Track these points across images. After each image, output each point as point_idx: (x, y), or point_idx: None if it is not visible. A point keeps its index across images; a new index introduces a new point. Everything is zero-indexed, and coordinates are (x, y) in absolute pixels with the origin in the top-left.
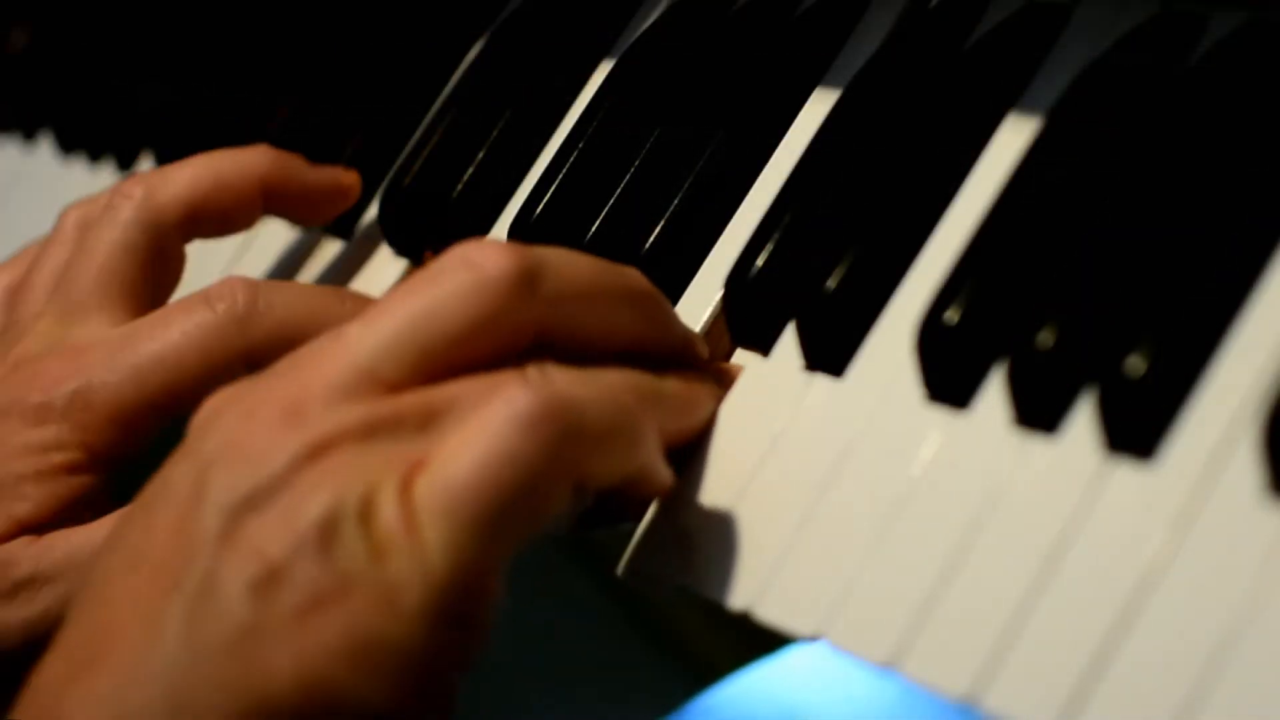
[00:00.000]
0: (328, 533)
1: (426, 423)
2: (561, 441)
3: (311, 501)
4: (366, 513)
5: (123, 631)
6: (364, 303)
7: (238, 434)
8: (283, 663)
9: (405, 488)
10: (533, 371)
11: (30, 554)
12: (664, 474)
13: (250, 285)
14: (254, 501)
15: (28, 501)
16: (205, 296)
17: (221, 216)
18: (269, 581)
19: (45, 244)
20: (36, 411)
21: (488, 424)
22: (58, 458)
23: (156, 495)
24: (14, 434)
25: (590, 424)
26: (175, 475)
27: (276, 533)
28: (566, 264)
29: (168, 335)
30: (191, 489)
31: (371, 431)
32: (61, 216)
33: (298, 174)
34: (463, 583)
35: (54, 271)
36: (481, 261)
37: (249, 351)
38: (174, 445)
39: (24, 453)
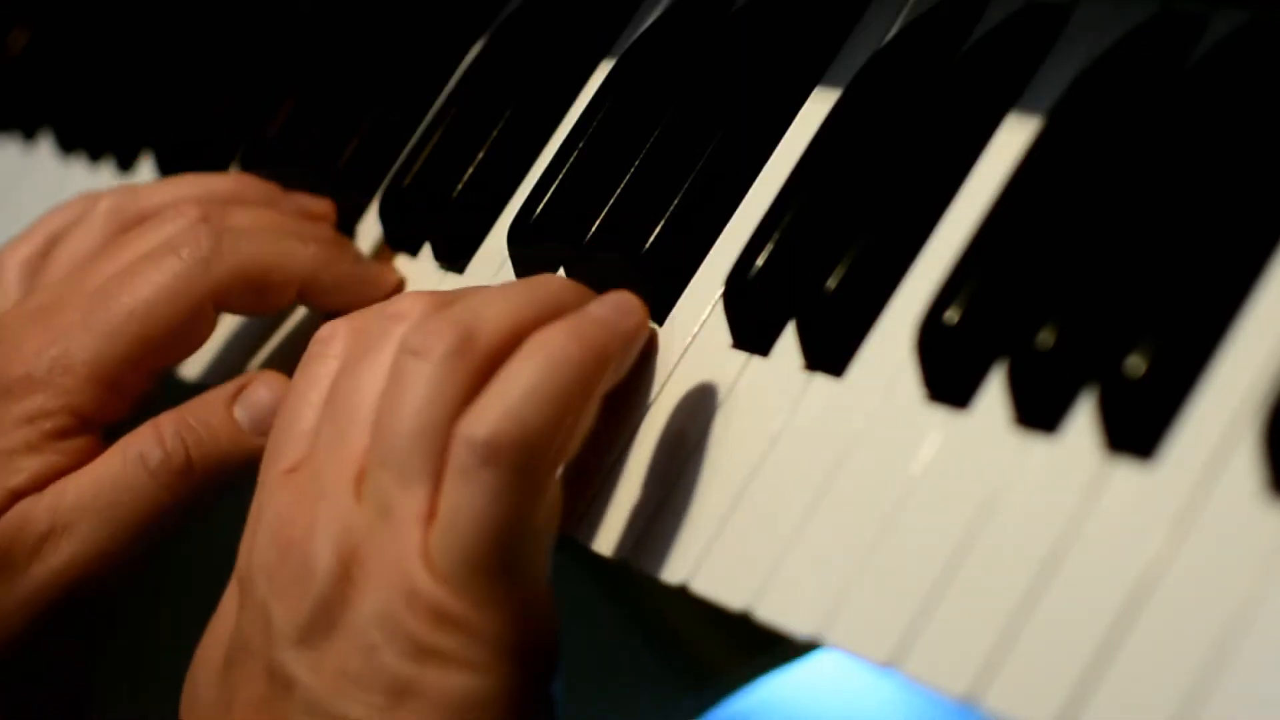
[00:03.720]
0: (389, 630)
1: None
2: (525, 459)
3: (364, 612)
4: (412, 598)
5: None
6: (325, 249)
7: (278, 569)
8: None
9: (427, 560)
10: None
11: (44, 506)
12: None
13: (214, 230)
14: (319, 627)
15: (22, 473)
16: (170, 243)
17: (257, 303)
18: (359, 688)
19: (73, 225)
20: (20, 384)
21: (462, 470)
22: (46, 425)
23: (239, 646)
24: (4, 411)
25: (544, 418)
26: (245, 624)
27: (348, 649)
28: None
29: (136, 288)
30: (263, 633)
31: (384, 512)
32: (94, 199)
33: (346, 266)
34: (514, 619)
35: (78, 253)
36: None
37: (215, 292)
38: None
39: (13, 426)
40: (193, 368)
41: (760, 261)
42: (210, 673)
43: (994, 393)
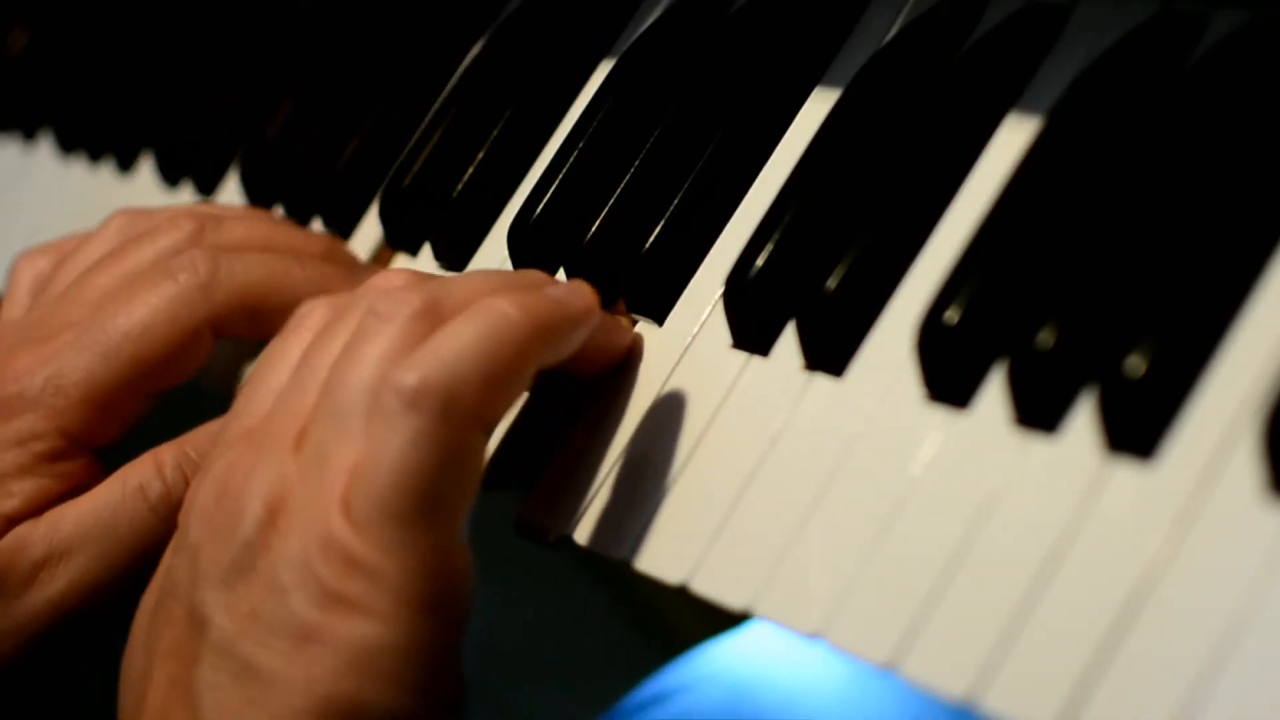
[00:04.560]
0: (301, 575)
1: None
2: (450, 409)
3: (281, 557)
4: (326, 544)
5: (168, 713)
6: (321, 267)
7: (212, 513)
8: (295, 696)
9: (345, 507)
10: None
11: (40, 534)
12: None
13: (211, 254)
14: (240, 569)
15: (14, 498)
16: (167, 268)
17: (254, 328)
18: (267, 630)
19: (86, 238)
20: (11, 404)
21: (384, 415)
22: (38, 447)
23: (166, 591)
24: None
25: (473, 373)
26: (175, 567)
27: (262, 592)
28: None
29: (133, 310)
30: (189, 575)
31: (319, 461)
32: (110, 217)
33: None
34: (426, 569)
35: (76, 270)
36: (388, 308)
37: (213, 317)
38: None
39: (3, 448)
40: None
41: (760, 261)
42: (143, 617)
43: (994, 393)
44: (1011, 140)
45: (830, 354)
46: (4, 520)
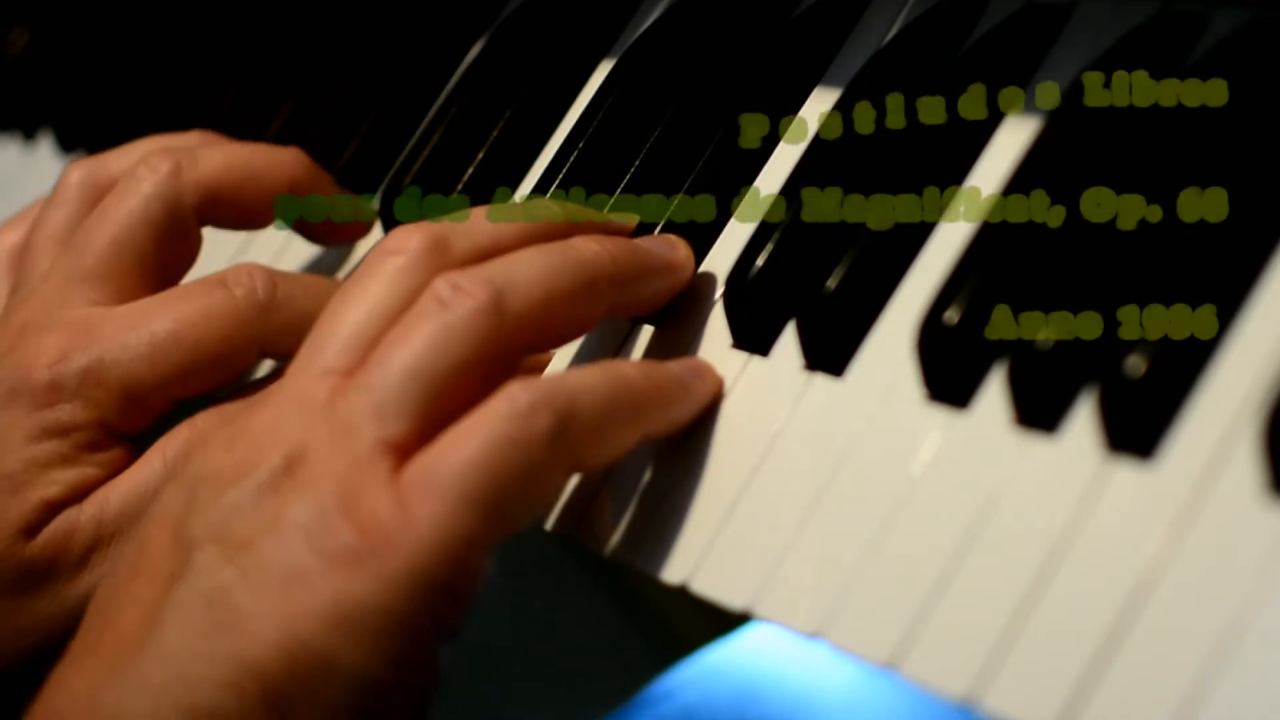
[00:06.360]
0: (311, 523)
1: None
2: (561, 429)
3: (292, 502)
4: (353, 500)
5: (127, 628)
6: None
7: (221, 456)
8: (267, 631)
9: (395, 472)
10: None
11: (88, 517)
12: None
13: (270, 273)
14: (241, 509)
15: (58, 485)
16: (224, 280)
17: (243, 209)
18: (256, 564)
19: (46, 203)
20: (47, 390)
21: (491, 413)
22: (79, 438)
23: (152, 516)
24: (26, 416)
25: (588, 412)
26: (167, 495)
27: (261, 530)
28: (526, 284)
29: (185, 315)
30: (183, 504)
31: (349, 430)
32: (64, 174)
33: (325, 190)
34: (450, 553)
35: (57, 231)
36: (450, 296)
37: (265, 339)
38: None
39: (41, 435)
40: None
41: (760, 261)
42: (127, 546)
43: (994, 393)
44: (1011, 140)
45: (830, 354)
46: (48, 506)
